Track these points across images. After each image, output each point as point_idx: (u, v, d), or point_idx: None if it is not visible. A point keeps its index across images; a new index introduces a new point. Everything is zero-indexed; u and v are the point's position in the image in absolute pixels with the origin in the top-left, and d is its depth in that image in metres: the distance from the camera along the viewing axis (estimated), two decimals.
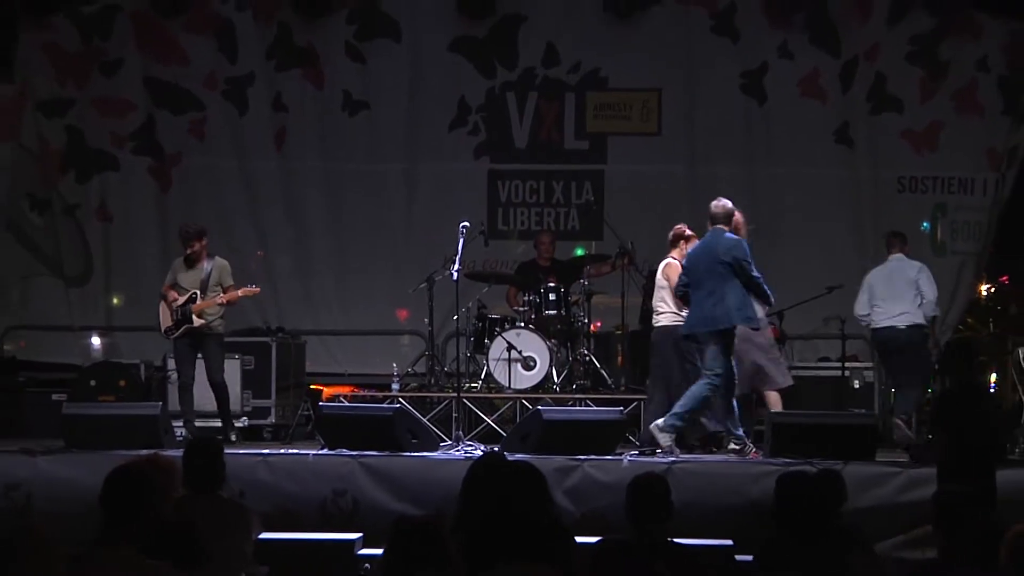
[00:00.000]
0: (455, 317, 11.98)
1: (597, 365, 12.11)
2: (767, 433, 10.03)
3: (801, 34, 14.04)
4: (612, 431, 10.14)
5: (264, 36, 14.25)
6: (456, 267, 10.81)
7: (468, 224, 11.16)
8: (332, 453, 9.82)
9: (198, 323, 11.00)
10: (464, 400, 11.03)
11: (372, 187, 14.40)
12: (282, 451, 10.13)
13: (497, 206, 14.51)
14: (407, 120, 14.37)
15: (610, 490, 8.83)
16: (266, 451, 10.03)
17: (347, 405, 11.24)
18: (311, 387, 12.65)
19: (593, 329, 12.54)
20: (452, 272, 10.84)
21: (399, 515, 5.36)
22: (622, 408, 10.89)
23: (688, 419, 9.98)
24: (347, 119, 14.34)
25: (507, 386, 11.60)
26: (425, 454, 9.82)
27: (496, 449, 9.58)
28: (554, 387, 11.72)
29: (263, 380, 12.25)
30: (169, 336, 11.19)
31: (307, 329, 13.79)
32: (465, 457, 9.52)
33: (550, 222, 14.37)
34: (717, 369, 9.87)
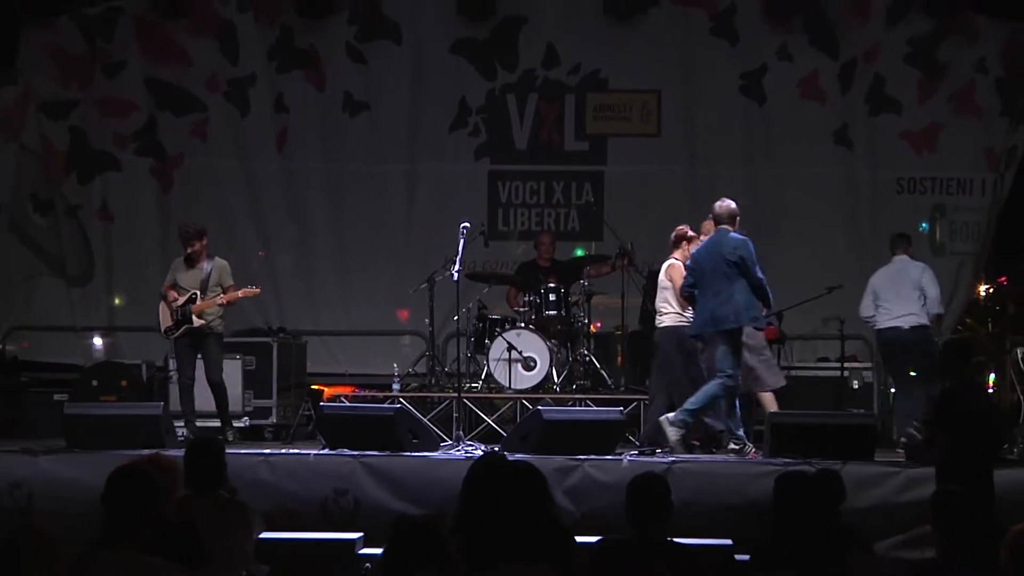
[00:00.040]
0: (456, 317, 11.98)
1: (597, 365, 12.11)
2: (766, 433, 10.03)
3: (800, 36, 14.07)
4: (612, 431, 10.13)
5: (266, 37, 14.27)
6: (457, 268, 10.79)
7: (468, 225, 11.14)
8: (333, 453, 9.79)
9: (198, 323, 11.00)
10: (464, 400, 11.01)
11: (373, 188, 14.41)
12: (283, 451, 10.10)
13: (497, 207, 14.54)
14: (408, 121, 14.39)
15: (610, 490, 8.83)
16: (267, 451, 10.00)
17: (348, 405, 11.22)
18: (312, 387, 12.66)
19: (593, 329, 12.54)
20: (453, 273, 10.82)
21: (400, 515, 5.35)
22: (622, 408, 10.88)
23: (699, 416, 10.01)
24: (348, 120, 14.35)
25: (507, 386, 11.62)
26: (426, 454, 9.80)
27: (496, 449, 9.60)
28: (554, 387, 11.74)
29: (264, 380, 12.26)
30: (169, 336, 11.20)
31: (308, 329, 13.80)
32: (465, 457, 9.51)
33: (550, 223, 14.38)
34: (728, 369, 9.90)
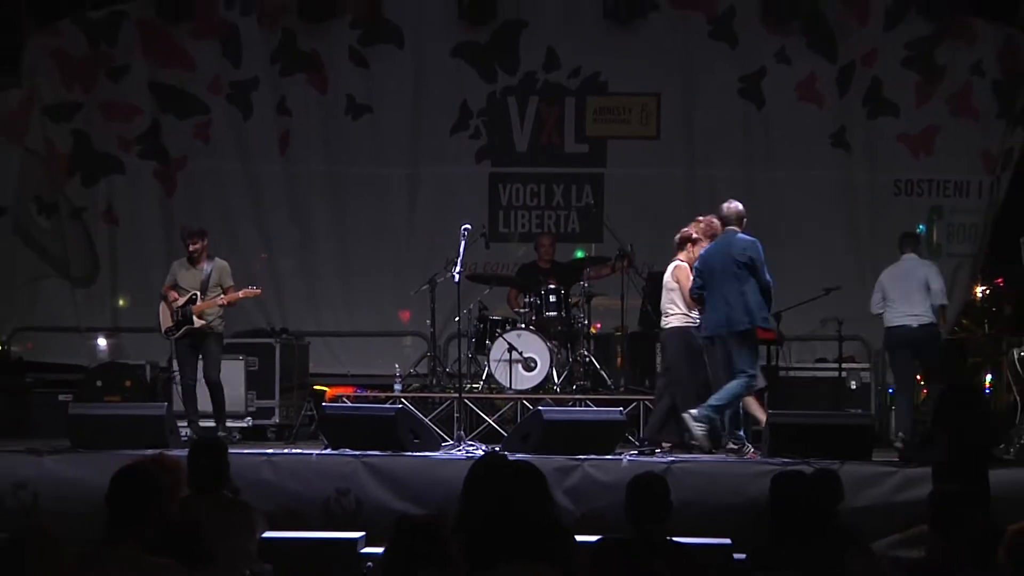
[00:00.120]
0: (457, 319, 11.99)
1: (597, 366, 12.13)
2: (765, 433, 10.07)
3: (798, 39, 14.13)
4: (612, 431, 10.15)
5: (268, 41, 14.33)
6: (458, 269, 10.81)
7: (469, 227, 11.16)
8: (335, 453, 9.80)
9: (199, 324, 11.02)
10: (465, 400, 11.01)
11: (375, 190, 14.46)
12: (286, 451, 10.10)
13: (498, 209, 14.60)
14: (409, 124, 14.45)
15: (610, 490, 8.85)
16: (270, 451, 10.01)
17: (350, 405, 11.21)
18: (314, 388, 12.69)
19: (593, 330, 12.56)
20: (454, 274, 10.83)
21: (401, 514, 5.36)
22: (622, 408, 10.88)
23: (722, 413, 10.02)
24: (350, 123, 14.41)
25: (508, 387, 11.64)
26: (427, 454, 9.82)
27: (497, 449, 9.63)
28: (554, 388, 11.76)
29: (267, 381, 12.28)
30: (169, 337, 11.21)
31: (310, 330, 13.83)
32: (466, 457, 9.53)
33: (550, 225, 14.44)
34: (749, 369, 9.97)
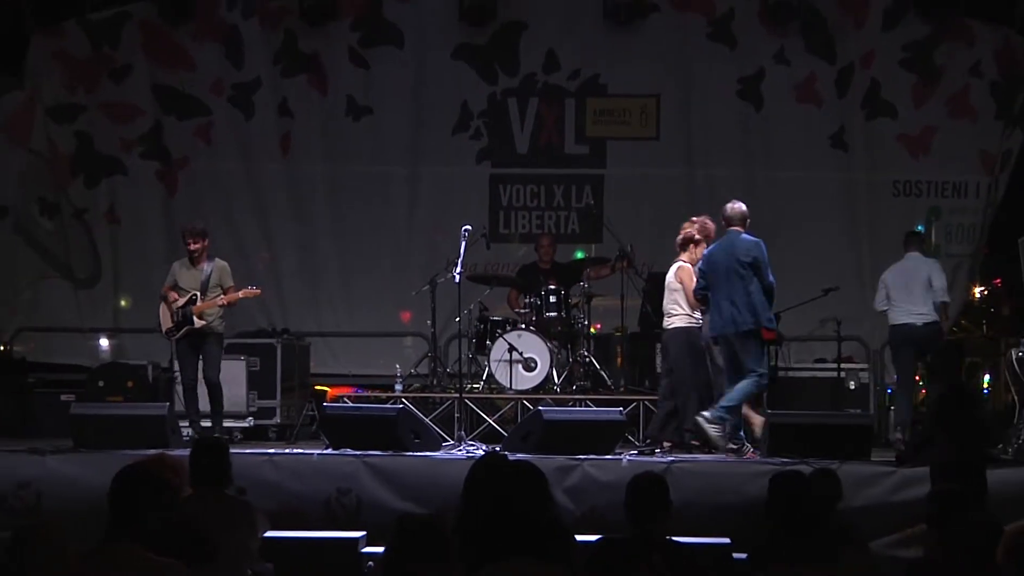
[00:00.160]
0: (457, 319, 12.01)
1: (597, 366, 12.15)
2: (764, 433, 10.09)
3: (797, 40, 14.18)
4: (612, 431, 10.16)
5: (270, 42, 14.37)
6: (458, 270, 10.82)
7: (470, 227, 11.18)
8: (336, 452, 9.81)
9: (199, 324, 11.02)
10: (466, 401, 11.03)
11: (376, 191, 14.51)
12: (287, 451, 10.11)
13: (498, 210, 14.64)
14: (410, 125, 14.49)
15: (610, 489, 8.87)
16: (271, 450, 10.03)
17: (351, 406, 11.19)
18: (315, 388, 12.73)
19: (593, 331, 12.58)
20: (454, 275, 10.85)
21: (402, 514, 5.39)
22: (622, 408, 10.89)
23: (734, 413, 10.04)
24: (351, 124, 14.44)
25: (508, 387, 11.67)
26: (428, 454, 9.83)
27: (497, 449, 9.66)
28: (555, 388, 11.79)
29: (268, 381, 12.29)
30: (170, 337, 11.21)
31: (311, 331, 13.87)
32: (467, 457, 9.55)
33: (550, 225, 14.47)
34: (759, 368, 10.01)
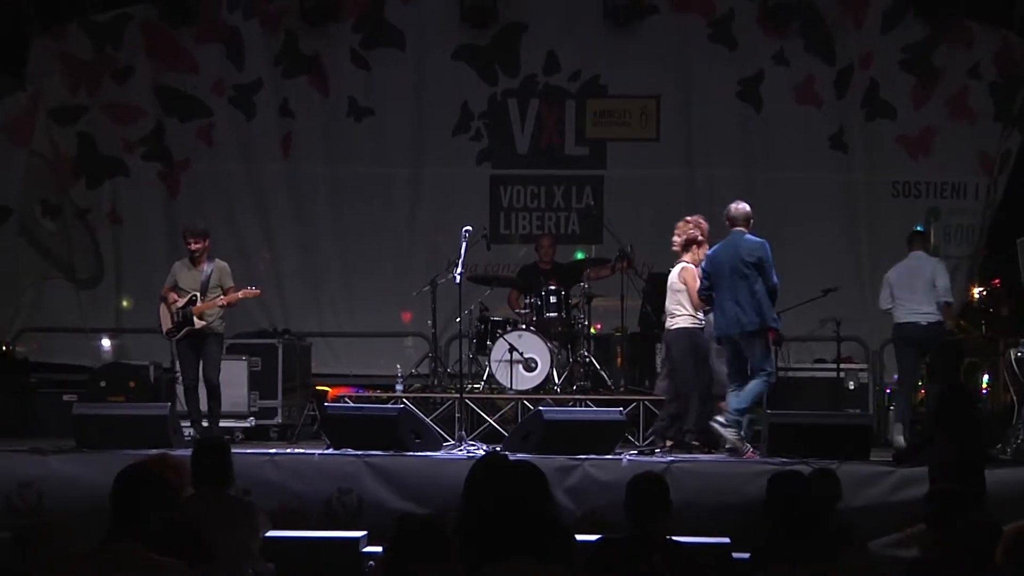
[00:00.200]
0: (458, 319, 11.98)
1: (597, 366, 12.15)
2: (764, 433, 10.13)
3: (796, 42, 14.22)
4: (612, 431, 10.17)
5: (271, 44, 14.40)
6: (459, 270, 10.84)
7: (471, 228, 11.21)
8: (337, 453, 9.82)
9: (199, 324, 11.03)
10: (467, 401, 11.05)
11: (377, 192, 14.54)
12: (288, 451, 10.12)
13: (499, 210, 14.67)
14: (411, 126, 14.53)
15: (610, 489, 8.88)
16: (272, 450, 10.03)
17: (352, 406, 11.16)
18: (316, 388, 12.76)
19: (593, 331, 12.60)
20: (455, 275, 10.87)
21: (402, 513, 5.42)
22: (622, 408, 10.89)
23: (747, 414, 10.12)
24: (352, 125, 14.48)
25: (509, 387, 11.66)
26: (428, 454, 9.84)
27: (498, 449, 9.67)
28: (555, 388, 11.79)
29: (269, 381, 12.31)
30: (170, 338, 11.21)
31: (313, 331, 13.90)
32: (467, 457, 9.55)
33: (551, 226, 14.50)
34: (768, 367, 10.06)
